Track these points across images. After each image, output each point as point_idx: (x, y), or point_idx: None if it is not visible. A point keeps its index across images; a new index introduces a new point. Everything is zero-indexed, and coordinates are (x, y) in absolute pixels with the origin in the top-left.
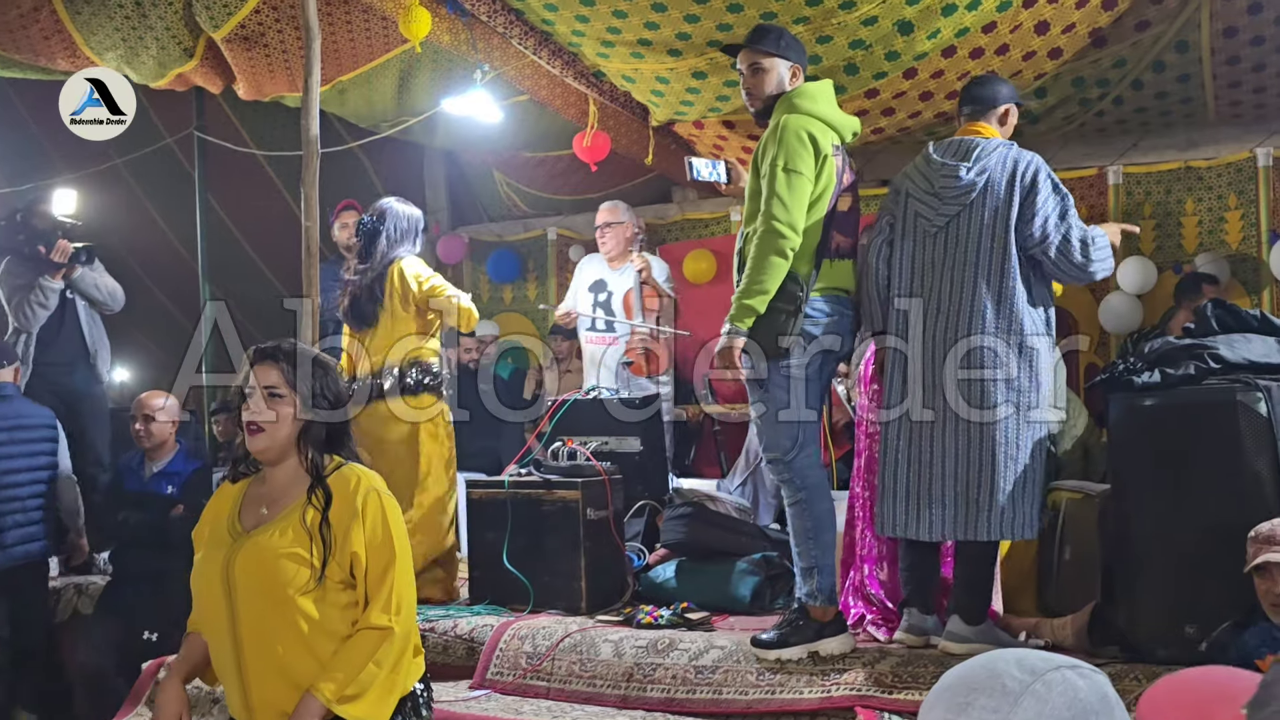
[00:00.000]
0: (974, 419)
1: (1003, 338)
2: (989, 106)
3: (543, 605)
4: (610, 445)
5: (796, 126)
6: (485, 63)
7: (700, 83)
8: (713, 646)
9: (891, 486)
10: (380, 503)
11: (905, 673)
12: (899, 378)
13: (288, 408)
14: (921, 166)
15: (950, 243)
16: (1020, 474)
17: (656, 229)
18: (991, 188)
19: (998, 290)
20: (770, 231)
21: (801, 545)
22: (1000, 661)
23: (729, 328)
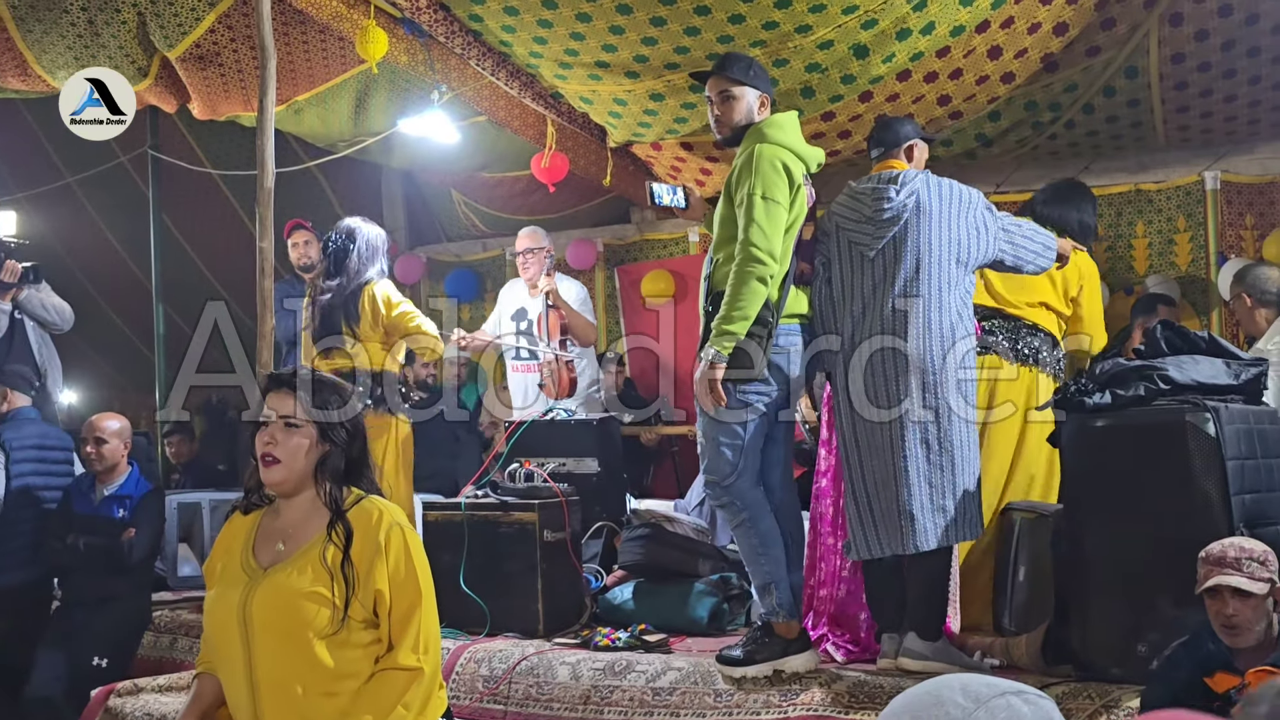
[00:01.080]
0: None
1: (947, 346)
2: (895, 145)
3: (500, 628)
4: (568, 466)
5: (772, 156)
6: (443, 83)
7: (658, 104)
8: (670, 668)
9: (858, 510)
10: (404, 538)
11: (861, 693)
12: (854, 398)
13: (304, 438)
14: (847, 200)
15: (890, 262)
16: (974, 474)
17: (615, 249)
18: (922, 208)
19: (939, 304)
20: (749, 258)
21: (753, 564)
22: (945, 689)
23: (712, 353)
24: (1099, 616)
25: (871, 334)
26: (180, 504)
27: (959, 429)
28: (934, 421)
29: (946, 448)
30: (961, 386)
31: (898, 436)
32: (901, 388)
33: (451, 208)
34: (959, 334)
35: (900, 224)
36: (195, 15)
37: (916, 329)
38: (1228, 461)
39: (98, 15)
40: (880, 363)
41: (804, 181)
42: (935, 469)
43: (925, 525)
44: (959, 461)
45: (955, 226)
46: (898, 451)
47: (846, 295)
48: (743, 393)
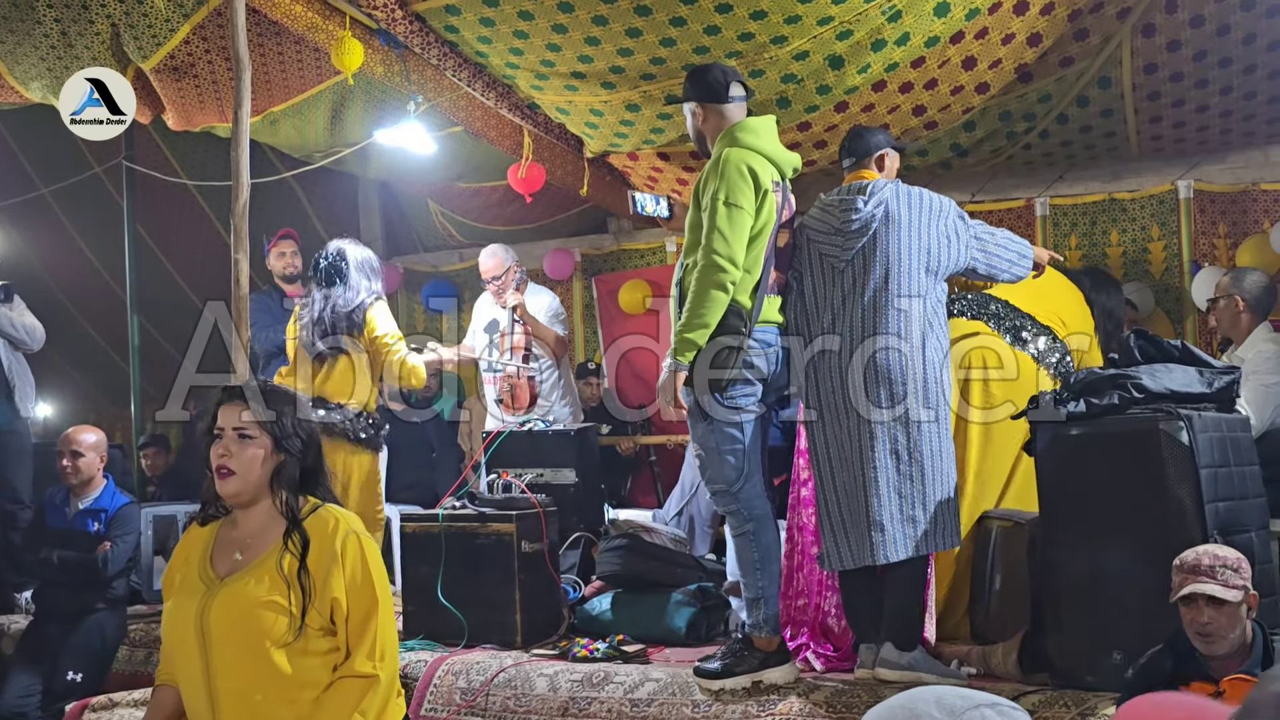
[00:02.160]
0: (901, 436)
1: (921, 356)
2: (866, 154)
3: (477, 639)
4: (545, 477)
5: (738, 160)
6: (419, 94)
7: (634, 115)
8: (648, 679)
9: (830, 521)
10: (360, 545)
11: (839, 702)
12: (825, 409)
13: (259, 449)
14: (817, 213)
15: (859, 273)
16: (947, 484)
17: (593, 259)
18: (891, 217)
19: (908, 313)
20: (710, 265)
21: (748, 576)
22: (920, 702)
23: (670, 362)
24: (1074, 625)
25: (839, 346)
26: (156, 516)
27: (930, 439)
28: (903, 431)
29: (916, 458)
30: (931, 396)
31: (867, 447)
32: (871, 397)
33: (428, 218)
34: (929, 343)
35: (869, 234)
36: (170, 26)
37: (885, 338)
38: (1201, 469)
39: (71, 26)
40: (849, 372)
41: (774, 188)
42: (905, 479)
43: (895, 536)
44: (929, 471)
45: (925, 235)
46: (867, 462)
47: (818, 307)
48: (728, 399)
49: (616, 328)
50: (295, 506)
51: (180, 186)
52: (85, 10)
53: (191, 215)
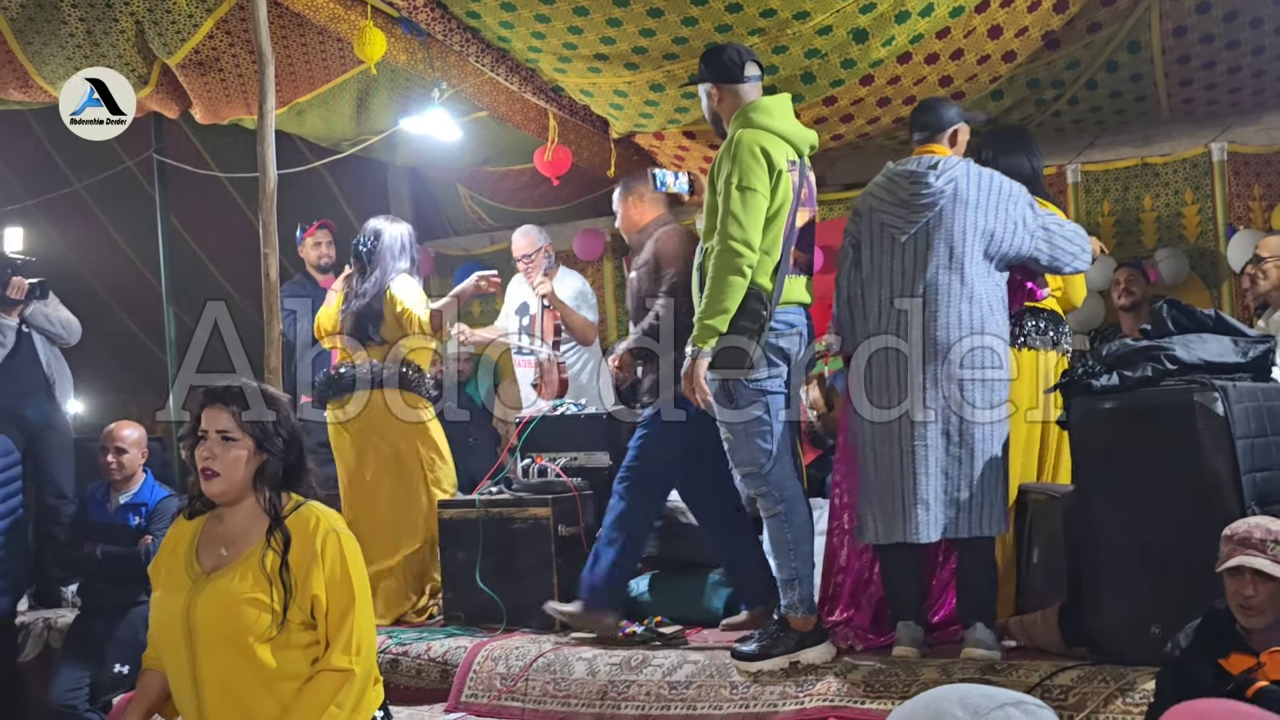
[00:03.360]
0: (959, 416)
1: (980, 339)
2: (939, 129)
3: (516, 624)
4: (580, 460)
5: (750, 142)
6: (443, 81)
7: (658, 95)
8: (686, 661)
9: (868, 493)
10: (339, 543)
11: (877, 682)
12: (874, 383)
13: (241, 450)
14: (883, 182)
15: (921, 248)
16: (996, 470)
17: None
18: (960, 196)
19: (971, 292)
20: (726, 250)
21: (781, 558)
22: (944, 701)
23: (692, 349)
24: (1111, 598)
25: (899, 319)
26: None
27: (983, 423)
28: (957, 413)
29: (967, 440)
30: (989, 384)
31: (919, 422)
32: (927, 376)
33: (458, 202)
34: (989, 328)
35: (935, 210)
36: (193, 22)
37: (946, 318)
38: (1237, 440)
39: (96, 25)
40: (905, 347)
41: (789, 167)
42: (954, 461)
43: (937, 515)
44: (979, 454)
45: (991, 219)
46: (918, 439)
47: (874, 278)
48: (753, 381)
49: None
50: (278, 504)
51: (212, 177)
52: (109, 9)
53: (224, 206)
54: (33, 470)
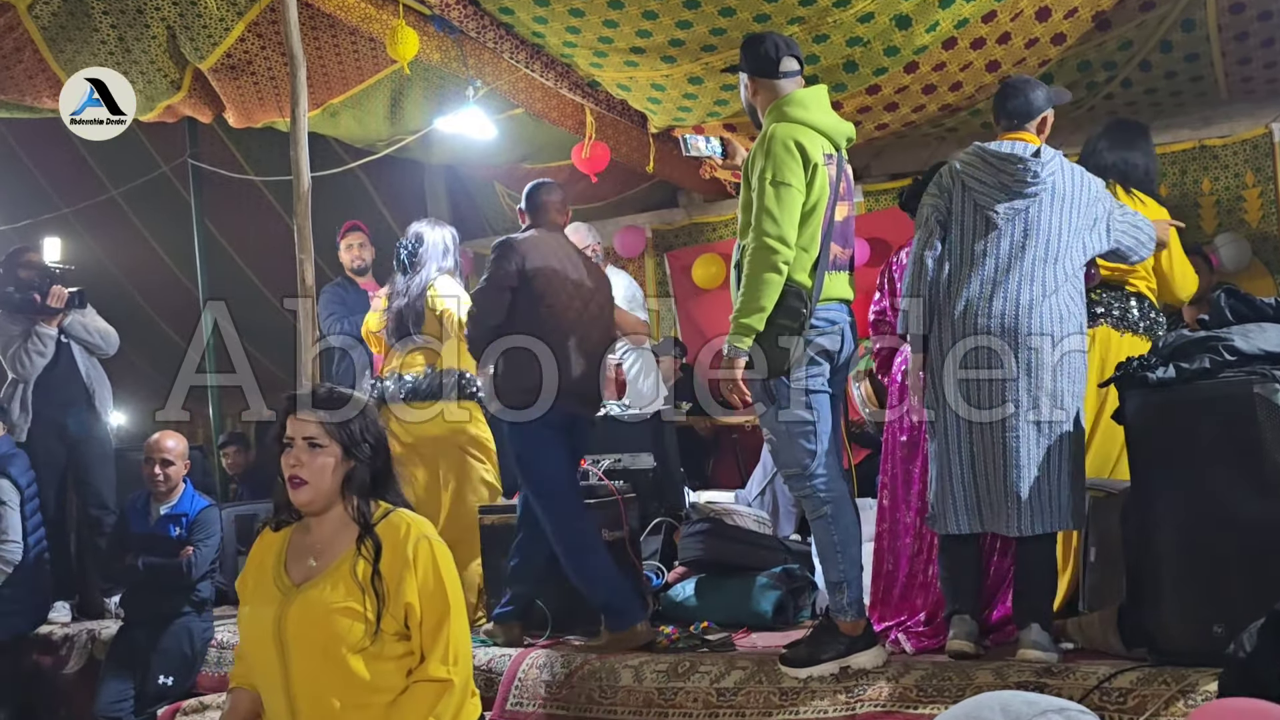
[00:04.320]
0: (1044, 408)
1: (1065, 327)
2: (1027, 117)
3: (561, 631)
4: (622, 463)
5: (784, 136)
6: (477, 78)
7: (697, 88)
8: (734, 668)
9: (953, 484)
10: (432, 550)
11: (930, 686)
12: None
13: (329, 457)
14: (977, 163)
15: (1018, 238)
16: (1079, 463)
17: (664, 234)
18: (1057, 191)
19: (1062, 286)
20: (761, 248)
21: (829, 560)
22: (984, 709)
23: (728, 349)
24: (1171, 597)
25: (989, 308)
26: (238, 516)
27: (1069, 414)
28: (1047, 404)
29: (1057, 431)
30: (1074, 377)
31: (1010, 413)
32: (1019, 366)
33: (495, 201)
34: (1075, 324)
35: (1036, 202)
36: (224, 26)
37: (1041, 312)
38: None
39: (127, 31)
40: (992, 334)
41: (825, 161)
42: (1044, 453)
43: (1031, 508)
44: (1067, 447)
45: (1081, 216)
46: (1009, 429)
47: (965, 261)
48: (795, 381)
49: (692, 304)
50: (367, 512)
51: (247, 182)
52: (140, 15)
53: (260, 210)
54: (74, 481)
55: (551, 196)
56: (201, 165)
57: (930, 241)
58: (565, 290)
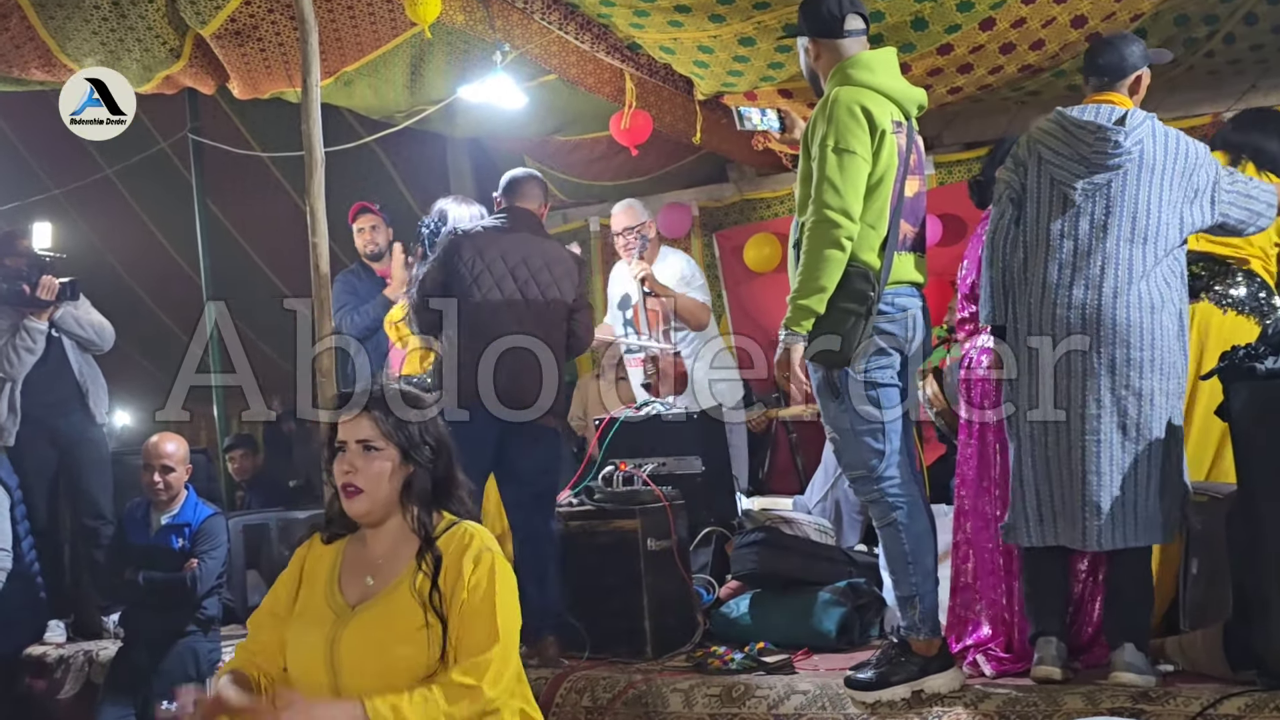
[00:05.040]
0: (1132, 409)
1: (1160, 319)
2: (1119, 75)
3: (602, 651)
4: (669, 467)
5: (848, 100)
6: (505, 42)
7: (749, 50)
8: (794, 692)
9: (1024, 491)
10: (492, 565)
11: (1012, 712)
12: (1038, 370)
13: (385, 461)
14: (1055, 131)
15: (1099, 216)
16: (1174, 468)
17: (713, 212)
18: (1146, 161)
19: (1154, 269)
20: (822, 221)
21: (899, 572)
22: None
23: (785, 334)
24: None
25: (1069, 296)
26: (246, 526)
27: (1161, 416)
28: (1135, 402)
29: (1145, 434)
30: (1167, 366)
31: (1091, 415)
32: (1102, 361)
33: None
34: (1169, 309)
35: (1120, 173)
36: None
37: (1127, 298)
38: None
39: None
40: (1072, 326)
41: (894, 128)
42: (1131, 458)
43: (1111, 521)
44: (1158, 453)
45: (1177, 186)
46: (1090, 433)
47: (1041, 243)
48: (861, 372)
49: (743, 289)
50: (429, 523)
51: (254, 159)
52: None
53: (268, 189)
54: (67, 489)
55: (530, 189)
56: (204, 141)
57: (1002, 222)
58: (504, 291)
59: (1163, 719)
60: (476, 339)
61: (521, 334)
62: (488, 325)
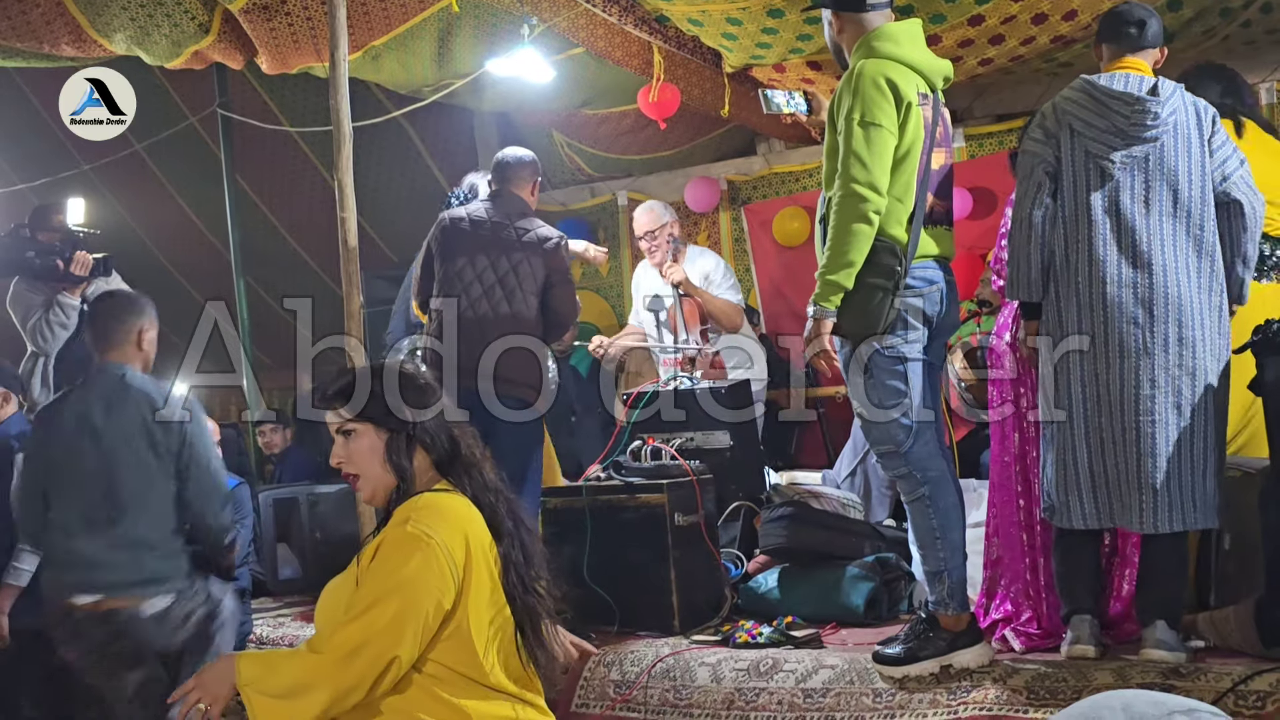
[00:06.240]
0: (1186, 388)
1: (1208, 296)
2: (1155, 44)
3: (630, 625)
4: (696, 441)
5: (873, 73)
6: (533, 15)
7: (777, 21)
8: (822, 666)
9: (1076, 472)
10: (403, 543)
11: (1042, 688)
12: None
13: (362, 439)
14: (1086, 102)
15: (1139, 189)
16: (1219, 448)
17: (741, 186)
18: (1181, 130)
19: (1199, 243)
20: (850, 195)
21: (927, 547)
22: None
23: (814, 309)
24: None
25: (1118, 274)
26: (276, 499)
27: (1211, 394)
28: (1189, 381)
29: (1199, 414)
30: (1215, 344)
31: (1146, 394)
32: (1156, 339)
33: (553, 151)
34: (1215, 282)
35: (1158, 144)
36: None
37: (1178, 274)
38: None
39: None
40: (1115, 304)
41: (920, 101)
42: (1187, 439)
43: (1167, 502)
44: (1212, 433)
45: (1208, 154)
46: (1144, 412)
47: (1081, 218)
48: (889, 348)
49: (772, 264)
50: (407, 489)
51: (282, 134)
52: None
53: (297, 164)
54: None
55: (518, 172)
56: (232, 116)
57: (1039, 197)
58: (470, 278)
59: (1194, 695)
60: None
61: (483, 326)
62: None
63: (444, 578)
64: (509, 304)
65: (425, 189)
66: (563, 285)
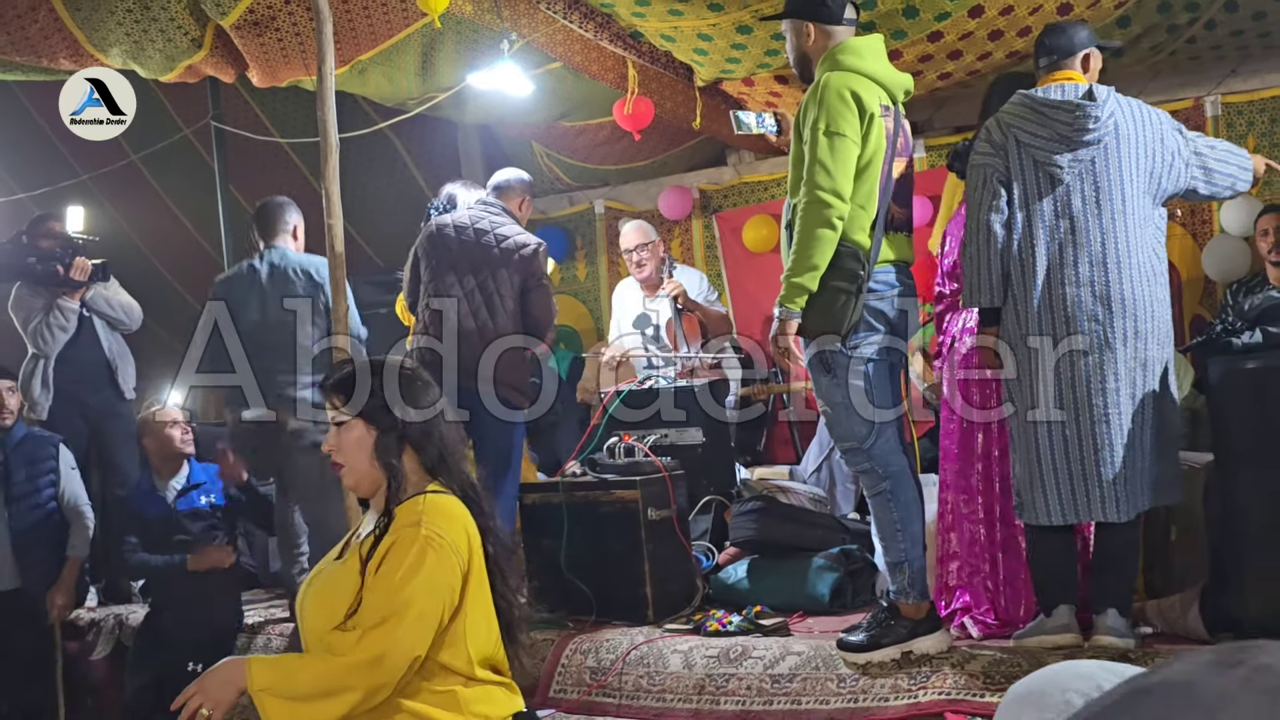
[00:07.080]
0: (1139, 379)
1: (1155, 290)
2: (1069, 53)
3: (605, 615)
4: (670, 438)
5: (838, 85)
6: (512, 31)
7: (746, 38)
8: (789, 653)
9: (1041, 469)
10: (418, 545)
11: (998, 673)
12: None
13: (351, 432)
14: (1026, 114)
15: (1088, 193)
16: (1175, 431)
17: (712, 195)
18: (1121, 132)
19: (1144, 241)
20: (815, 202)
21: (888, 540)
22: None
23: (780, 310)
24: (1258, 578)
25: (1075, 274)
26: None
27: (1161, 382)
28: (1142, 373)
29: (1148, 402)
30: (1163, 336)
31: (1111, 388)
32: (1116, 335)
33: (533, 161)
34: (1158, 277)
35: (1100, 148)
36: None
37: (1130, 271)
38: None
39: None
40: (1075, 303)
41: (882, 112)
42: (1138, 427)
43: (1126, 491)
44: (1161, 420)
45: (1150, 155)
46: (1110, 405)
47: (1036, 224)
48: (851, 348)
49: (742, 269)
50: (397, 487)
51: (273, 145)
52: None
53: (287, 174)
54: (97, 460)
55: (510, 191)
56: (225, 128)
57: (995, 205)
58: (450, 283)
59: None
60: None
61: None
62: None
63: (454, 576)
64: (488, 309)
65: (410, 197)
66: (538, 290)
